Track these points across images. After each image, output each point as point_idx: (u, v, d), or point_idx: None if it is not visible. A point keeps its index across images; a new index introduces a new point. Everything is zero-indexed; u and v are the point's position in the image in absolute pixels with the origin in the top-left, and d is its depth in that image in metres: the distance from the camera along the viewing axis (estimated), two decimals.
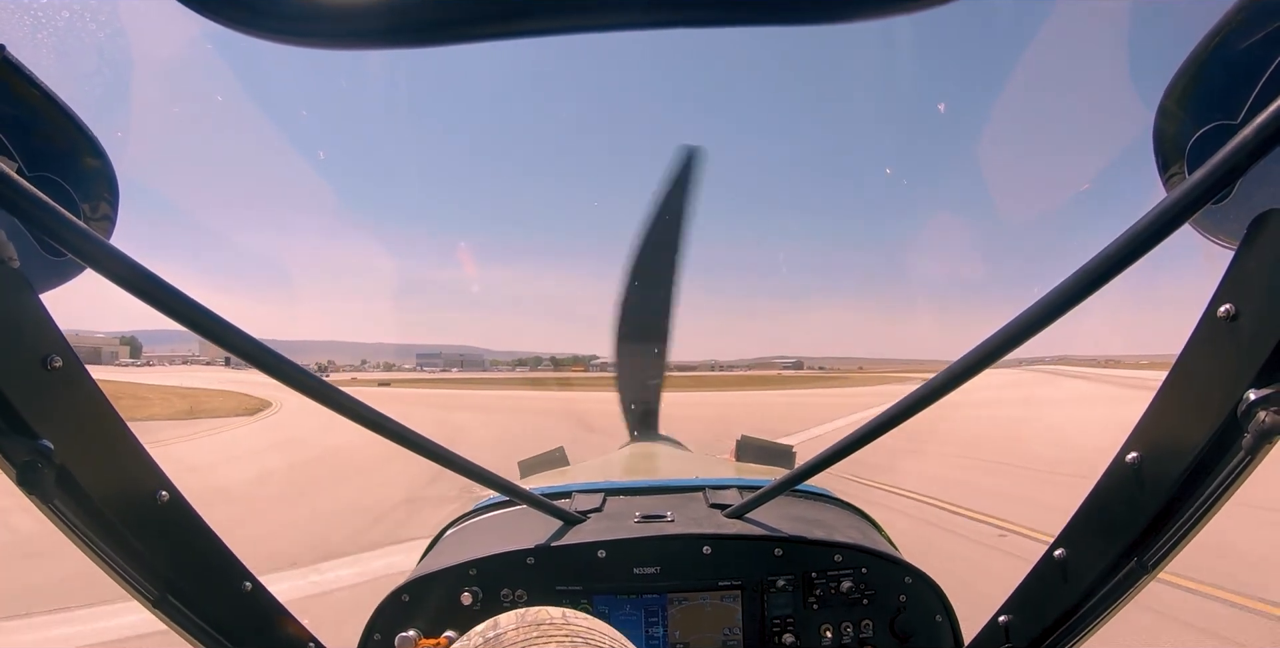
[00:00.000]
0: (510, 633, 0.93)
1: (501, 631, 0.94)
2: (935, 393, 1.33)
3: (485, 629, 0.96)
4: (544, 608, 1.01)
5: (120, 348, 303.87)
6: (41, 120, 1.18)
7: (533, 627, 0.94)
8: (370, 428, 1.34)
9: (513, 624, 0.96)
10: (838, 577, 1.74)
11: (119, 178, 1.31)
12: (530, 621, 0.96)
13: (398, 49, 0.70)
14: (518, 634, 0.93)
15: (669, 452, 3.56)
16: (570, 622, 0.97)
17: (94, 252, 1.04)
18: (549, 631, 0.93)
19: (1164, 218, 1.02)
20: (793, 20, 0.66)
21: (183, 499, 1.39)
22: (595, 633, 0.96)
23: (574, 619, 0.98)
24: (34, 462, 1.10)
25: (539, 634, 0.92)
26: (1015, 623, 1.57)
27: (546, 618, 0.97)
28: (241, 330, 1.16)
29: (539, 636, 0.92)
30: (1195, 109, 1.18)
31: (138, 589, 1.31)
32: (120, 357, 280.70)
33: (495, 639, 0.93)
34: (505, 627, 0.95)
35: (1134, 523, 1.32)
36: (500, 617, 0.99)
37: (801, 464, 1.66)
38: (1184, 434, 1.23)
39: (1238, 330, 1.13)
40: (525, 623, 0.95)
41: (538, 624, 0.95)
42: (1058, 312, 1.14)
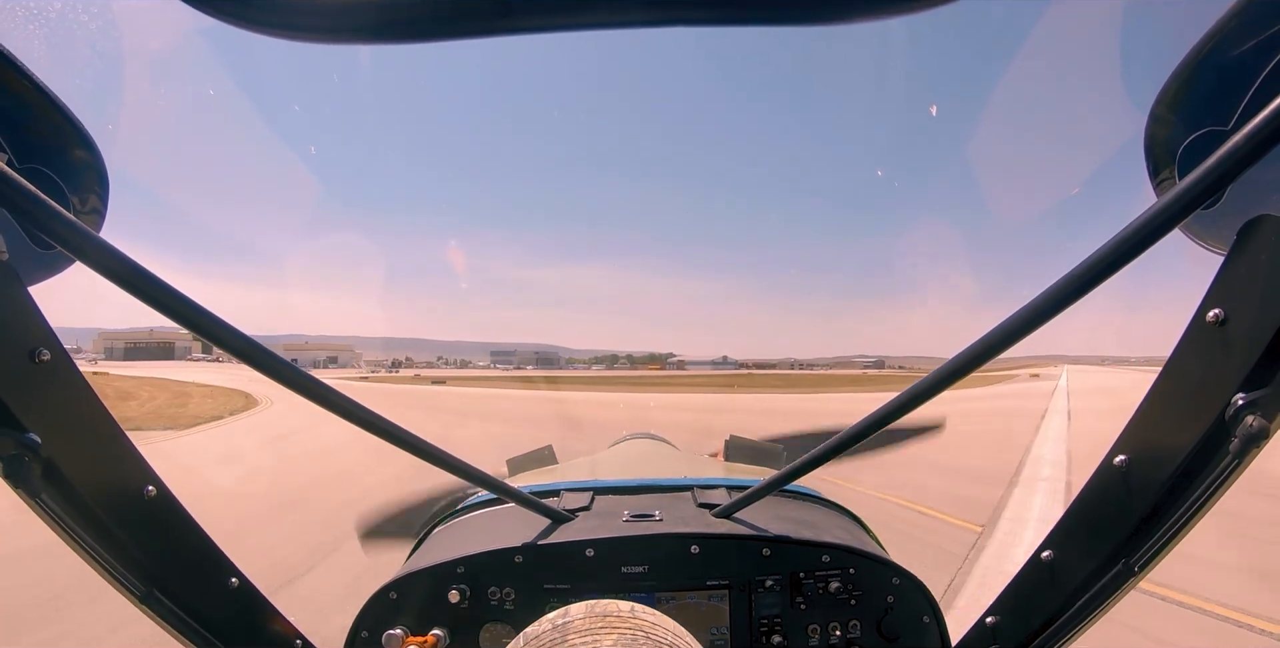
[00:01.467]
0: (578, 621, 0.98)
1: (570, 619, 0.99)
2: (925, 393, 1.33)
3: (556, 616, 1.01)
4: (614, 601, 1.05)
5: (194, 343, 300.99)
6: (32, 112, 1.17)
7: (600, 617, 0.99)
8: (358, 424, 1.33)
9: (581, 614, 1.00)
10: (826, 577, 1.74)
11: (109, 171, 1.30)
12: (599, 612, 1.01)
13: (393, 44, 0.69)
14: (585, 623, 0.98)
15: (658, 451, 3.56)
16: (636, 616, 1.00)
17: (83, 244, 1.03)
18: (613, 622, 0.98)
19: (1154, 222, 1.03)
20: (788, 20, 0.66)
21: (170, 494, 1.38)
22: (660, 629, 0.99)
23: (640, 614, 1.01)
24: (20, 455, 1.10)
25: (604, 625, 0.97)
26: (1002, 624, 1.58)
27: (615, 610, 1.01)
28: (230, 325, 1.15)
29: (603, 626, 0.97)
30: (1187, 114, 1.19)
31: (124, 585, 1.30)
32: (193, 352, 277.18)
33: (564, 626, 0.98)
34: (575, 616, 1.00)
35: (1121, 526, 1.32)
36: (571, 606, 1.04)
37: (790, 464, 1.66)
38: (1172, 438, 1.24)
39: (1226, 335, 1.14)
40: (594, 613, 1.00)
41: (605, 616, 1.00)
42: (1048, 314, 1.14)
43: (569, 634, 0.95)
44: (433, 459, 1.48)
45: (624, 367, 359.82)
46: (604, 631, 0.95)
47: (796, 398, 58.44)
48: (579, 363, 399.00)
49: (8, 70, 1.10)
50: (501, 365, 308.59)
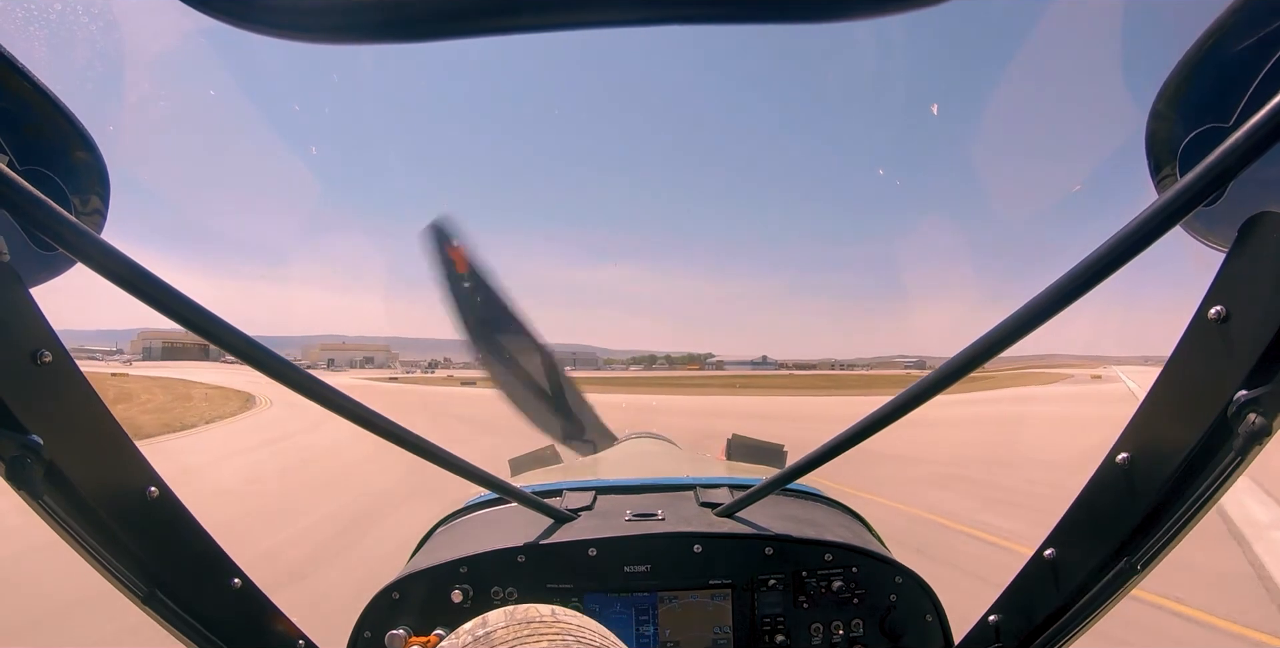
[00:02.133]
0: (499, 631, 0.92)
1: (491, 629, 0.93)
2: (925, 393, 1.33)
3: (474, 627, 0.95)
4: (533, 606, 1.00)
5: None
6: (33, 114, 1.17)
7: (523, 625, 0.93)
8: (361, 425, 1.33)
9: (501, 622, 0.94)
10: (828, 576, 1.74)
11: (110, 172, 1.30)
12: (520, 618, 0.95)
13: (394, 44, 0.69)
14: (508, 633, 0.91)
15: (660, 450, 3.55)
16: (560, 620, 0.96)
17: (84, 246, 1.03)
18: (539, 629, 0.92)
19: (1155, 219, 1.03)
20: (788, 18, 0.66)
21: (172, 495, 1.38)
22: (586, 631, 0.95)
23: (564, 617, 0.97)
24: (23, 457, 1.10)
25: (529, 632, 0.91)
26: (1005, 623, 1.57)
27: (536, 616, 0.96)
28: (231, 326, 1.15)
29: (529, 634, 0.91)
30: (1188, 111, 1.19)
31: (127, 586, 1.30)
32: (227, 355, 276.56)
33: (485, 638, 0.91)
34: (494, 625, 0.94)
35: (1124, 523, 1.32)
36: (489, 615, 0.98)
37: (793, 463, 1.65)
38: (1174, 435, 1.23)
39: (1228, 332, 1.13)
40: (515, 621, 0.94)
41: (527, 622, 0.94)
42: (1049, 312, 1.14)
43: (492, 644, 0.89)
44: (435, 459, 1.48)
45: (662, 367, 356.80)
46: (530, 639, 0.90)
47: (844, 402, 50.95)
48: (617, 363, 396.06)
49: (9, 72, 1.10)
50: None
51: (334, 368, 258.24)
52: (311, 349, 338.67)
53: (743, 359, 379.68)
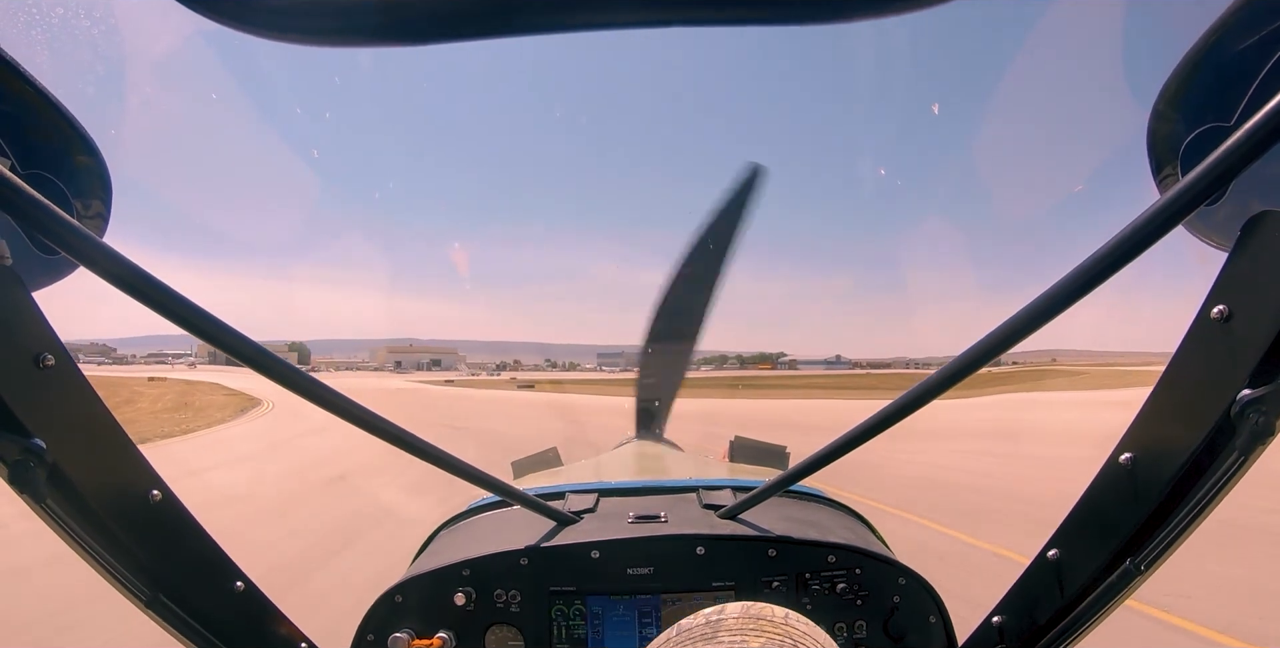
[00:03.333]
0: (731, 620, 0.97)
1: (725, 617, 0.98)
2: (929, 393, 1.33)
3: (711, 612, 1.01)
4: (771, 606, 1.03)
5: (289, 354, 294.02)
6: (34, 117, 1.17)
7: (752, 620, 0.97)
8: (362, 427, 1.33)
9: (735, 613, 0.99)
10: (831, 578, 1.74)
11: (112, 176, 1.31)
12: (753, 613, 0.99)
13: (396, 47, 0.69)
14: (737, 623, 0.96)
15: (663, 452, 3.56)
16: (789, 623, 0.98)
17: (87, 249, 1.03)
18: (765, 626, 0.96)
19: (1158, 219, 1.03)
20: (790, 19, 0.66)
21: (175, 499, 1.39)
22: (809, 638, 0.96)
23: (793, 621, 0.99)
24: (26, 461, 1.10)
25: (754, 627, 0.95)
26: (1008, 624, 1.57)
27: (769, 615, 0.99)
28: (234, 329, 1.15)
29: (754, 629, 0.95)
30: (1189, 111, 1.19)
31: (130, 589, 1.30)
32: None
33: (717, 623, 0.97)
34: (729, 614, 0.99)
35: (1127, 524, 1.32)
36: (728, 604, 1.03)
37: (795, 465, 1.65)
38: (1178, 435, 1.23)
39: (1231, 332, 1.13)
40: (748, 615, 0.99)
41: (758, 618, 0.98)
42: (1052, 312, 1.14)
43: (720, 632, 0.95)
44: (438, 462, 1.48)
45: (733, 367, 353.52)
46: (753, 633, 0.94)
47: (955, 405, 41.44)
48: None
49: (10, 76, 1.10)
50: (609, 368, 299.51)
51: (401, 370, 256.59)
52: (379, 352, 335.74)
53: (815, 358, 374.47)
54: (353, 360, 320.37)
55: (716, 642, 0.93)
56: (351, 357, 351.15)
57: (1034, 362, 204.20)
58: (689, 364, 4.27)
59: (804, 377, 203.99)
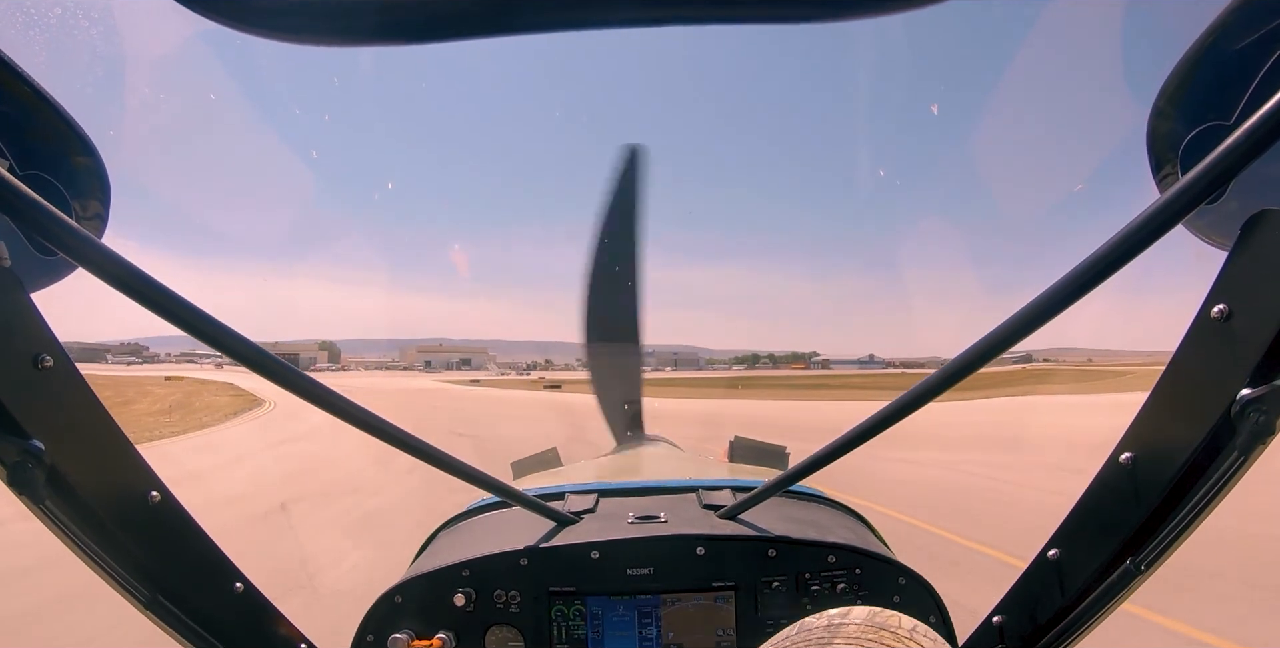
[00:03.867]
0: (853, 626, 0.95)
1: (848, 621, 0.97)
2: (929, 393, 1.33)
3: (837, 614, 0.99)
4: (899, 615, 1.00)
5: (319, 353, 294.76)
6: (32, 118, 1.17)
7: (876, 628, 0.95)
8: (362, 428, 1.33)
9: (859, 619, 0.97)
10: (831, 578, 1.73)
11: (111, 177, 1.30)
12: (878, 622, 0.96)
13: (393, 46, 0.69)
14: (859, 630, 0.94)
15: (662, 452, 3.55)
16: (914, 637, 0.95)
17: (85, 250, 1.03)
18: (886, 638, 0.93)
19: (1158, 218, 1.03)
20: (787, 18, 0.66)
21: (174, 500, 1.38)
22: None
23: (920, 636, 0.96)
24: (24, 462, 1.10)
25: (875, 638, 0.93)
26: (1009, 624, 1.57)
27: (895, 625, 0.96)
28: (234, 331, 1.15)
29: (874, 639, 0.93)
30: (1189, 109, 1.19)
31: (129, 590, 1.30)
32: (319, 362, 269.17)
33: (839, 627, 0.95)
34: (853, 619, 0.97)
35: (1127, 523, 1.32)
36: (855, 608, 1.01)
37: (795, 465, 1.65)
38: (1178, 434, 1.23)
39: (1231, 330, 1.13)
40: (872, 622, 0.96)
41: (881, 627, 0.95)
42: (1052, 311, 1.14)
43: (837, 638, 0.93)
44: (437, 463, 1.48)
45: (765, 366, 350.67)
46: (874, 643, 0.92)
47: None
48: (719, 363, 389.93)
49: (9, 77, 1.10)
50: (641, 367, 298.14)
51: (430, 369, 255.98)
52: (409, 351, 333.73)
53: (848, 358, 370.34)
54: (383, 360, 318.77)
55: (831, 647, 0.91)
56: (382, 356, 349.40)
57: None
58: (640, 361, 4.29)
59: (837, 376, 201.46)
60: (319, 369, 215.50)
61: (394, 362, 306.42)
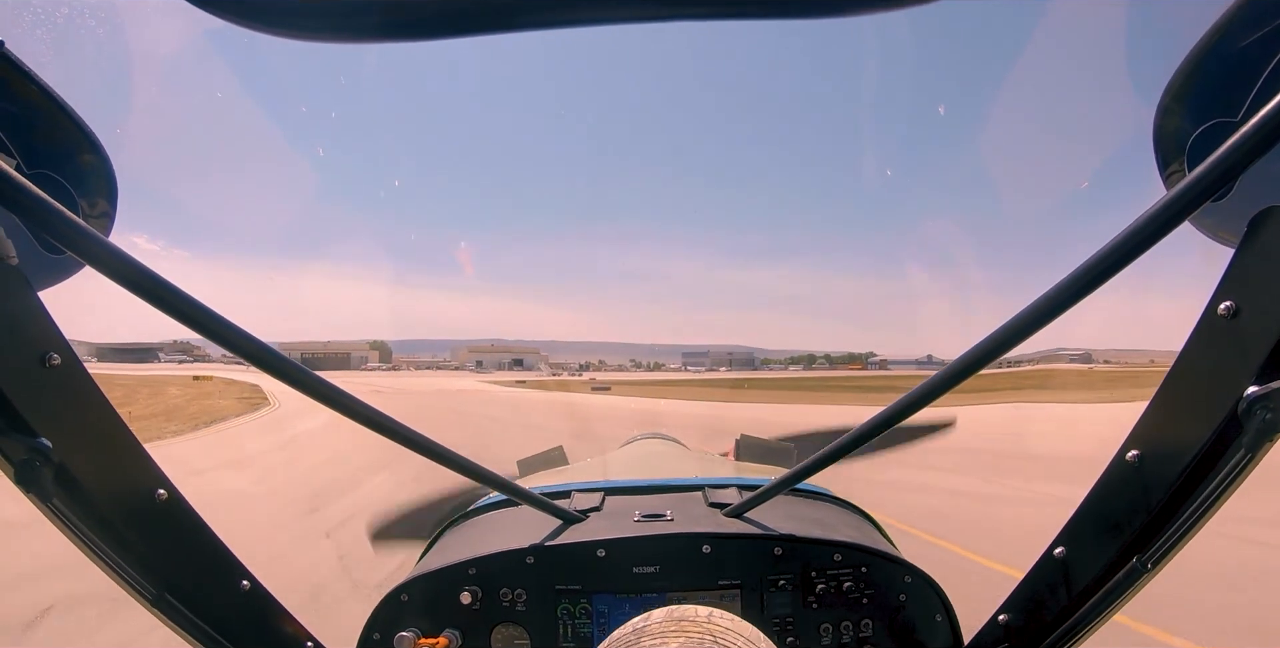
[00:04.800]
0: (655, 625, 1.00)
1: (650, 622, 1.01)
2: (934, 391, 1.33)
3: (638, 621, 1.04)
4: (695, 607, 1.05)
5: (370, 353, 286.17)
6: (40, 117, 1.18)
7: (675, 621, 1.00)
8: (369, 426, 1.33)
9: (660, 618, 1.02)
10: (837, 576, 1.73)
11: (118, 175, 1.31)
12: (676, 616, 1.02)
13: (400, 42, 0.69)
14: (661, 627, 0.99)
15: (668, 451, 3.55)
16: (712, 621, 1.00)
17: (93, 249, 1.03)
18: (687, 627, 0.98)
19: (1164, 215, 1.02)
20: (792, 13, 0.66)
21: (181, 498, 1.39)
22: (730, 634, 0.98)
23: (717, 619, 1.01)
24: (32, 460, 1.10)
25: (677, 629, 0.97)
26: (1015, 622, 1.57)
27: (692, 615, 1.02)
28: (241, 329, 1.15)
29: (676, 630, 0.97)
30: (1196, 106, 1.18)
31: (136, 588, 1.31)
32: (369, 361, 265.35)
33: (644, 629, 0.99)
34: (654, 620, 1.02)
35: (1134, 521, 1.32)
36: (655, 611, 1.05)
37: (801, 463, 1.65)
38: (1184, 432, 1.23)
39: (1238, 328, 1.13)
40: (671, 618, 1.01)
41: (680, 620, 1.01)
42: (1058, 309, 1.13)
43: (643, 638, 0.96)
44: (443, 461, 1.48)
45: (822, 367, 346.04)
46: (675, 634, 0.96)
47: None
48: (775, 363, 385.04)
49: (15, 76, 1.11)
50: (694, 368, 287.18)
51: (481, 369, 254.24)
52: (460, 351, 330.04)
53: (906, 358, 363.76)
54: (434, 359, 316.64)
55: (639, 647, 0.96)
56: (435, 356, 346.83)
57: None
58: None
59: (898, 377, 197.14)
60: (369, 369, 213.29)
61: (445, 361, 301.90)
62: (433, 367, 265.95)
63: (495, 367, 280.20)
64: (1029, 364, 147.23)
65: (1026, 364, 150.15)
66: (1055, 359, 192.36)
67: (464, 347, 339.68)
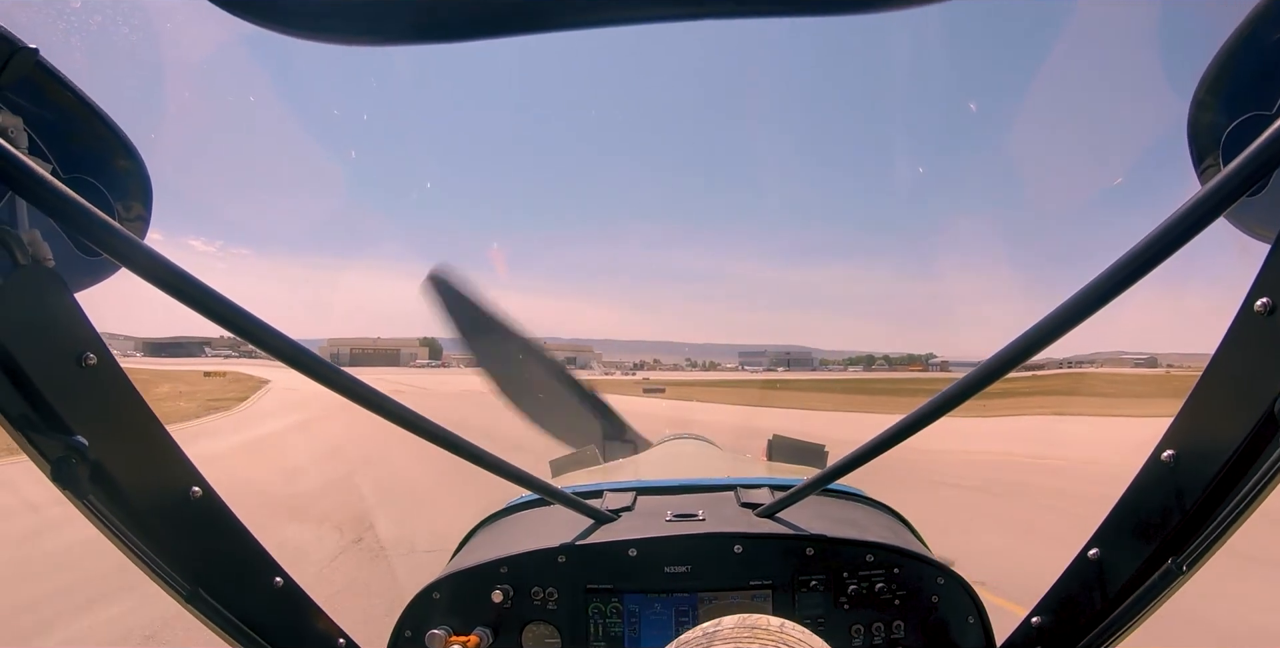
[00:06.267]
0: (727, 630, 1.00)
1: (722, 628, 1.02)
2: (967, 391, 1.31)
3: (710, 625, 1.04)
4: (767, 616, 1.05)
5: (420, 349, 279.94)
6: (75, 123, 1.20)
7: (748, 629, 1.00)
8: (405, 427, 1.34)
9: (733, 625, 1.03)
10: (869, 577, 1.72)
11: (152, 179, 1.33)
12: (749, 624, 1.02)
13: (429, 45, 0.70)
14: (733, 633, 0.99)
15: (700, 450, 3.54)
16: (785, 632, 1.00)
17: (128, 251, 1.05)
18: (760, 634, 0.98)
19: (1199, 211, 1.00)
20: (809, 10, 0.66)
21: (216, 495, 1.41)
22: (803, 644, 0.98)
23: (790, 630, 1.01)
24: (68, 458, 1.12)
25: (750, 636, 0.98)
26: (1048, 624, 1.55)
27: (764, 624, 1.02)
28: (276, 329, 1.17)
29: (749, 637, 0.97)
30: (1230, 100, 1.16)
31: (170, 585, 1.33)
32: (419, 358, 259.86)
33: (715, 634, 1.00)
34: (726, 625, 1.02)
35: (1169, 522, 1.29)
36: (726, 617, 1.06)
37: (833, 463, 1.64)
38: (1220, 432, 1.20)
39: (1275, 325, 1.10)
40: (743, 625, 1.02)
41: (753, 627, 1.01)
42: (1091, 308, 1.11)
43: (714, 641, 0.97)
44: (477, 460, 1.48)
45: (881, 368, 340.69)
46: (747, 640, 0.96)
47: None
48: (833, 364, 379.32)
49: (51, 84, 1.13)
50: (750, 367, 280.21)
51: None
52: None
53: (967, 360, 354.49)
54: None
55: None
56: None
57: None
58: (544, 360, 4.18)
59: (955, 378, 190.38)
60: (419, 365, 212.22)
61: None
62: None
63: None
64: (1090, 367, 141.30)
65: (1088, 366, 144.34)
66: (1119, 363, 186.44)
67: None
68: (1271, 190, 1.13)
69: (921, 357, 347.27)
